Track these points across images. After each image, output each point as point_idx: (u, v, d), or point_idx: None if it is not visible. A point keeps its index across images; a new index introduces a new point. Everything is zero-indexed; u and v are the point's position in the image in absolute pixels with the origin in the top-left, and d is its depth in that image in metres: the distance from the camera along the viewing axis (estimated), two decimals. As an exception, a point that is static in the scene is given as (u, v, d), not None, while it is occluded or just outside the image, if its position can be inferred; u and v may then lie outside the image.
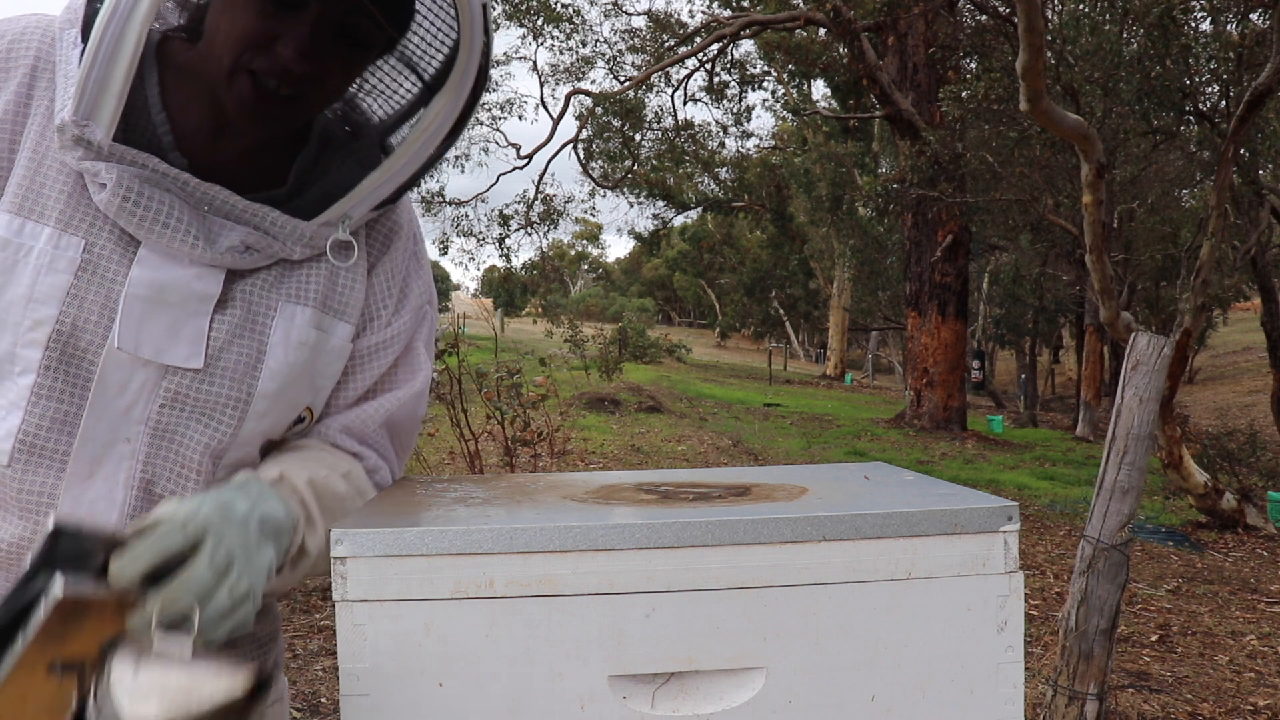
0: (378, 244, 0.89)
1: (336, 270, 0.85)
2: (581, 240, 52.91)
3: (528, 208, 20.51)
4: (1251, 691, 3.21)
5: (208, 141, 0.79)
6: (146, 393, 0.77)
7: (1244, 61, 6.31)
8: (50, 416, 0.75)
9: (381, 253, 0.89)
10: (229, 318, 0.79)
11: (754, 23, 13.58)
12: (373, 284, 0.88)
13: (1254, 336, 18.17)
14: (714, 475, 0.94)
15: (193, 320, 0.77)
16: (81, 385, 0.75)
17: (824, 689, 0.68)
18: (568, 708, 0.66)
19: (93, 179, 0.74)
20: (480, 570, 0.66)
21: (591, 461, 7.61)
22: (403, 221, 0.91)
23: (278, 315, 0.81)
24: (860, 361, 31.30)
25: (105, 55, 0.71)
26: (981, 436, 11.66)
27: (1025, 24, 4.57)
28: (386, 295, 0.89)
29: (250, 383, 0.80)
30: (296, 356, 0.81)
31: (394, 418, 0.91)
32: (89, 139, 0.73)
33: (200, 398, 0.78)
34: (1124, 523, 2.16)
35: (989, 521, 0.70)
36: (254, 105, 0.75)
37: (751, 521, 0.67)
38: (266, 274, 0.81)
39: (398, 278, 0.90)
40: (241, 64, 0.74)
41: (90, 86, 0.72)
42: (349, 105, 0.88)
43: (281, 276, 0.82)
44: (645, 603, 0.66)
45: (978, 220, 11.16)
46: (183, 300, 0.77)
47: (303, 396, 0.84)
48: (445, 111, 0.82)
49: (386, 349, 0.89)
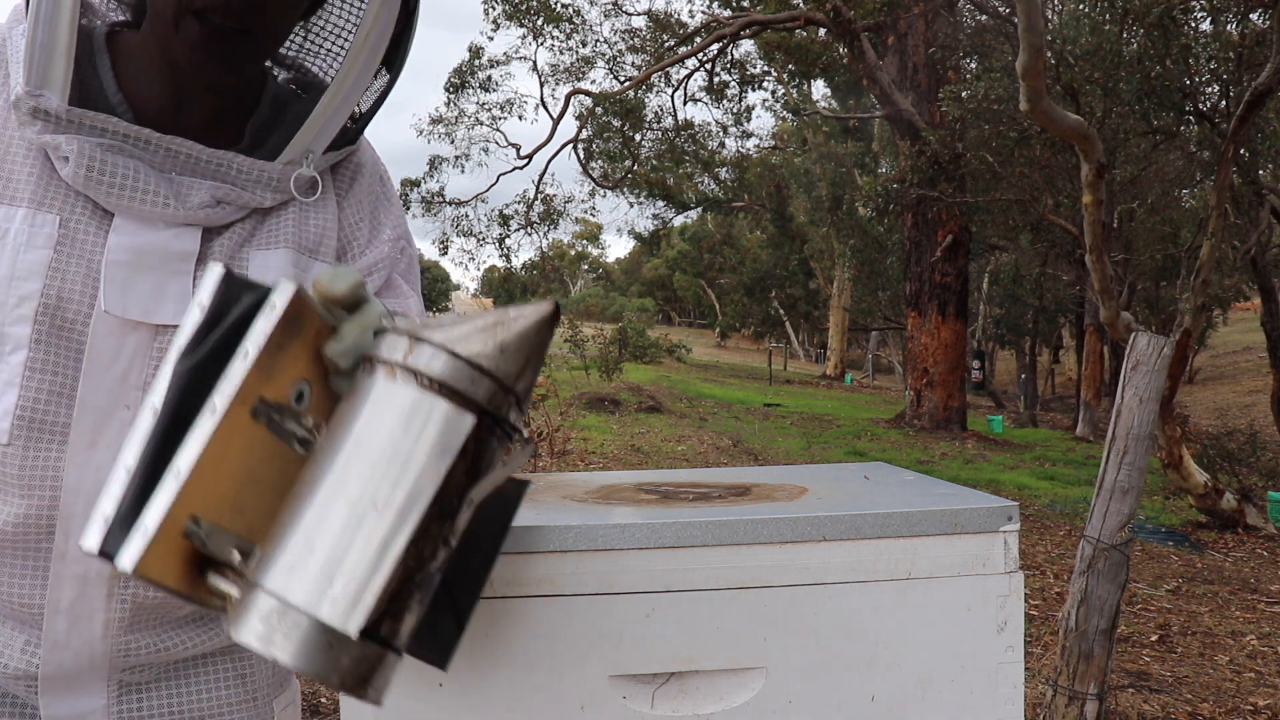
0: (344, 183, 0.90)
1: (306, 211, 0.85)
2: (581, 240, 52.91)
3: (528, 208, 20.51)
4: (1251, 691, 3.21)
5: (166, 113, 0.80)
6: (141, 356, 0.77)
7: (1244, 61, 6.31)
8: (47, 390, 0.75)
9: (347, 190, 0.90)
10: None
11: (754, 23, 13.58)
12: (342, 220, 0.89)
13: (1254, 336, 18.17)
14: (714, 475, 0.94)
15: (176, 279, 0.78)
16: (75, 355, 0.76)
17: (824, 689, 0.68)
18: (568, 708, 0.66)
19: (55, 153, 0.75)
20: (480, 570, 0.65)
21: (591, 461, 7.61)
22: (365, 161, 0.92)
23: (250, 263, 0.82)
24: (860, 361, 31.31)
25: (46, 17, 0.72)
26: (981, 436, 11.66)
27: (1025, 24, 4.57)
28: (356, 228, 0.90)
29: None
30: None
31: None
32: (45, 108, 0.73)
33: None
34: (1124, 523, 2.16)
35: (989, 521, 0.70)
36: (204, 44, 0.75)
37: (751, 521, 0.67)
38: (240, 228, 0.82)
39: (365, 209, 0.91)
40: (184, 6, 0.74)
41: (38, 53, 0.73)
42: (297, 68, 0.90)
43: (254, 229, 0.83)
44: (645, 603, 0.66)
45: (978, 220, 11.16)
46: (164, 260, 0.78)
47: None
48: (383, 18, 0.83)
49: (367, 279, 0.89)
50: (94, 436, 0.76)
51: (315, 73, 0.90)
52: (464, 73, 18.44)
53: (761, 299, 30.21)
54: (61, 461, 0.75)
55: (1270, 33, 5.60)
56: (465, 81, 18.54)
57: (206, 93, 0.81)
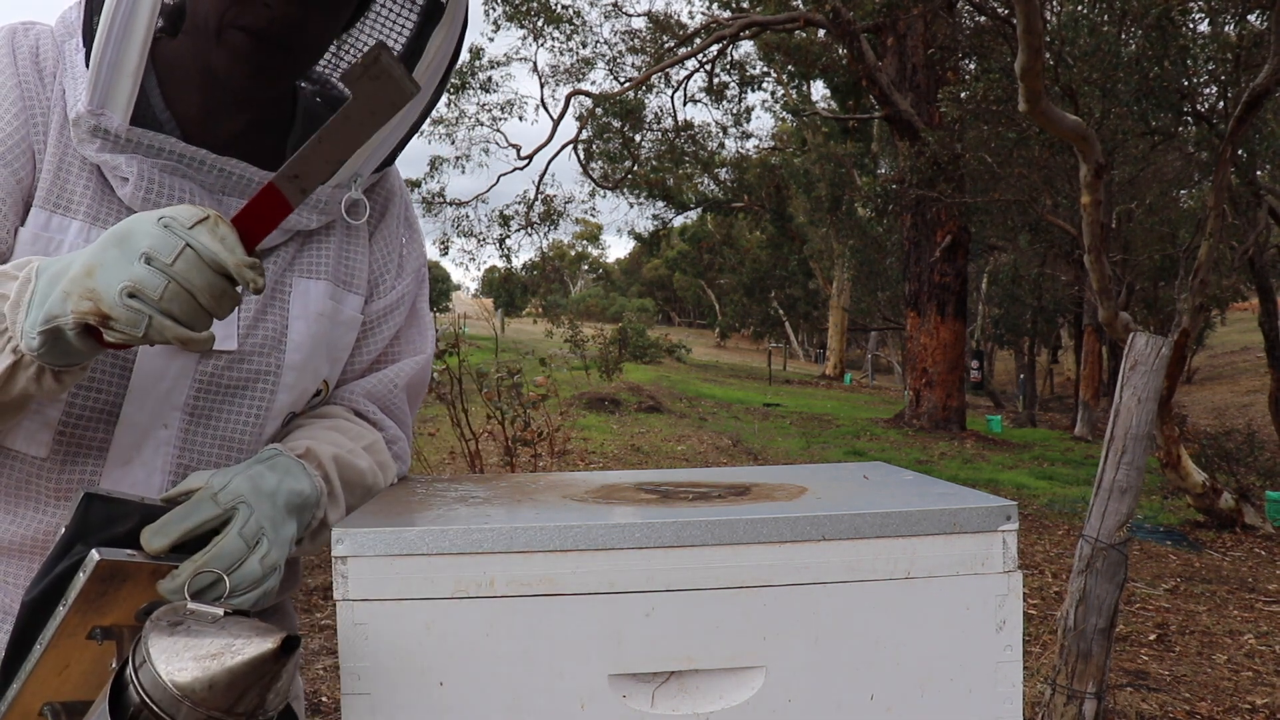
0: (375, 212, 0.91)
1: (346, 242, 0.87)
2: (581, 240, 52.89)
3: (528, 208, 20.51)
4: (1249, 690, 3.22)
5: (208, 126, 0.80)
6: (185, 377, 0.78)
7: (1242, 62, 6.32)
8: (90, 408, 0.76)
9: (379, 220, 0.92)
10: (254, 297, 0.81)
11: (753, 24, 13.59)
12: (374, 251, 0.91)
13: (1252, 337, 18.18)
14: (714, 475, 0.94)
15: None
16: (120, 375, 0.76)
17: (823, 688, 0.68)
18: (568, 707, 0.66)
19: (113, 173, 0.75)
20: (480, 570, 0.66)
21: (591, 461, 7.61)
22: (395, 188, 0.93)
23: (293, 290, 0.83)
24: (860, 361, 31.30)
25: (118, 37, 0.72)
26: (980, 436, 11.66)
27: (1024, 25, 4.57)
28: (386, 264, 0.91)
29: (278, 356, 0.82)
30: (317, 327, 0.84)
31: (414, 381, 0.94)
32: (105, 127, 0.73)
33: (234, 377, 0.80)
34: (1122, 522, 2.16)
35: (988, 521, 0.70)
36: (247, 56, 0.75)
37: (751, 521, 0.68)
38: (284, 251, 0.83)
39: (395, 243, 0.92)
40: (226, 21, 0.74)
41: (104, 71, 0.72)
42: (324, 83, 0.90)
43: (296, 253, 0.84)
44: (645, 602, 0.67)
45: (976, 221, 11.17)
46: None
47: (321, 368, 0.86)
48: (445, 48, 0.84)
49: (394, 312, 0.92)
50: (130, 454, 0.77)
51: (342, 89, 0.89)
52: (464, 74, 18.44)
53: (761, 299, 30.21)
54: (97, 476, 0.76)
55: (1268, 34, 5.61)
56: (466, 82, 18.54)
57: (240, 105, 0.81)
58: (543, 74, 18.67)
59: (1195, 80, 6.75)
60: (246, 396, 0.81)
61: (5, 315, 0.64)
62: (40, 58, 0.77)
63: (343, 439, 0.84)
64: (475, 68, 18.44)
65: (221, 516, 0.67)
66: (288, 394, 0.83)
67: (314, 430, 0.84)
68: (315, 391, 0.87)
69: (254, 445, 0.82)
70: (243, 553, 0.66)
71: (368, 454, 0.85)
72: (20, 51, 0.77)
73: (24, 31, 0.78)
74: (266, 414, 0.82)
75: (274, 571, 0.68)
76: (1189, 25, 6.69)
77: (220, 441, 0.80)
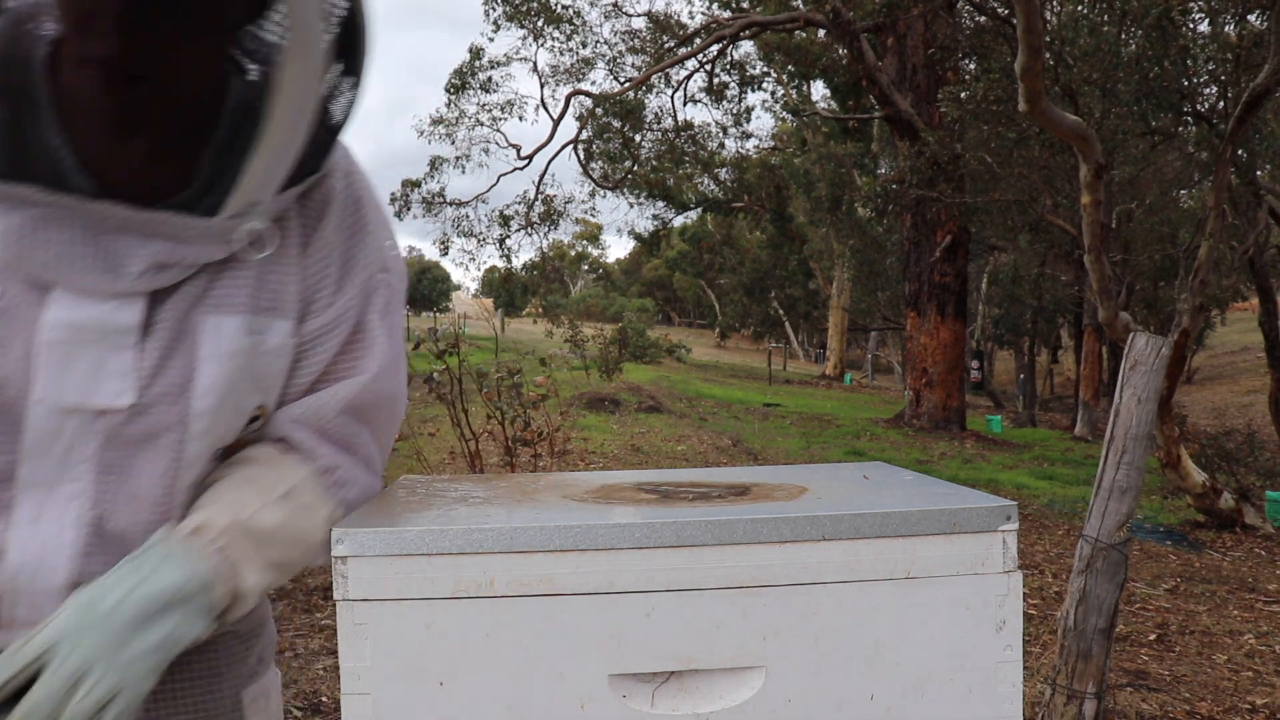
0: (310, 219, 0.81)
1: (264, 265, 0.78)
2: (581, 241, 52.88)
3: (528, 208, 20.51)
4: (1249, 690, 3.22)
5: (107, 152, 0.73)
6: (82, 435, 0.74)
7: (1242, 62, 6.32)
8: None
9: (313, 228, 0.81)
10: (156, 342, 0.75)
11: (753, 24, 13.59)
12: (307, 264, 0.81)
13: (1252, 337, 18.18)
14: (714, 475, 0.94)
15: (116, 355, 0.73)
16: (14, 436, 0.72)
17: (823, 688, 0.68)
18: (568, 707, 0.66)
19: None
20: (480, 570, 0.66)
21: (591, 461, 7.61)
22: (336, 189, 0.82)
23: (201, 329, 0.76)
24: (860, 361, 31.31)
25: None
26: (980, 436, 11.66)
27: (1024, 25, 4.57)
28: (324, 274, 0.81)
29: (184, 404, 0.76)
30: (229, 367, 0.77)
31: (357, 402, 0.84)
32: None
33: (138, 429, 0.75)
34: (1122, 522, 2.16)
35: (988, 521, 0.70)
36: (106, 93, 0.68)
37: (751, 521, 0.68)
38: (191, 286, 0.75)
39: (335, 252, 0.82)
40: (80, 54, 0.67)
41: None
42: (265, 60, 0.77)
43: (207, 286, 0.76)
44: (645, 602, 0.67)
45: (977, 221, 11.16)
46: (102, 336, 0.73)
47: (247, 399, 0.80)
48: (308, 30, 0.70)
49: (332, 331, 0.82)
50: (38, 511, 0.73)
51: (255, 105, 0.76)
52: (464, 74, 18.45)
53: (761, 299, 30.21)
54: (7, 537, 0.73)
55: (1268, 34, 5.61)
56: (466, 82, 18.55)
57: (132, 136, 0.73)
58: (543, 74, 18.69)
59: (1195, 80, 6.75)
60: (155, 449, 0.76)
61: None
62: None
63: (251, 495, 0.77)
64: (475, 68, 18.45)
65: (35, 665, 0.64)
66: (201, 441, 0.77)
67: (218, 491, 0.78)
68: (251, 418, 0.81)
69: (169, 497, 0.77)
70: (60, 696, 0.63)
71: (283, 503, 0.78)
72: None
73: None
74: (179, 464, 0.77)
75: (114, 698, 0.65)
76: (1189, 25, 6.69)
77: (132, 495, 0.76)
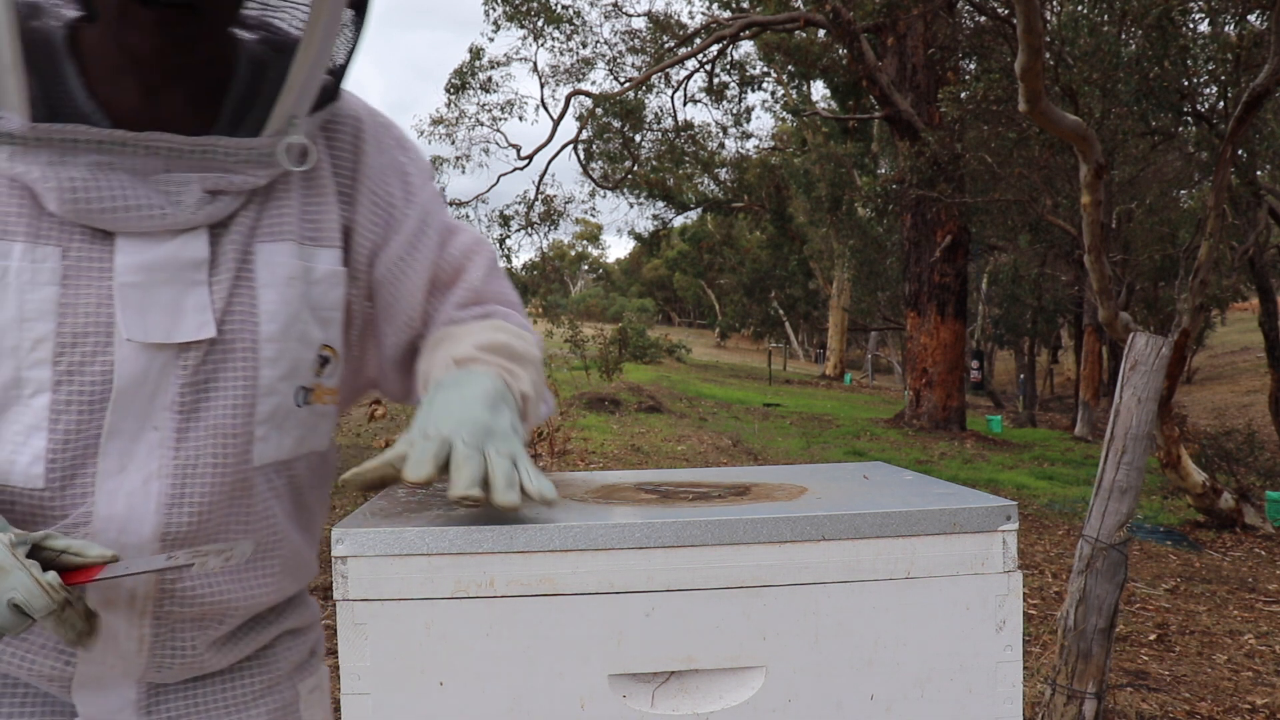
0: (343, 151, 0.85)
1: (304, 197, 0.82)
2: (581, 241, 52.89)
3: (528, 208, 20.51)
4: (1249, 690, 3.22)
5: (140, 108, 0.75)
6: (167, 375, 0.75)
7: (1242, 62, 6.32)
8: (75, 428, 0.73)
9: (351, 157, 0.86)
10: (223, 275, 0.77)
11: (753, 24, 13.59)
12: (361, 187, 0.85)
13: (1252, 337, 18.18)
14: (714, 475, 0.94)
15: (192, 291, 0.75)
16: (100, 387, 0.74)
17: (823, 688, 0.68)
18: (568, 707, 0.66)
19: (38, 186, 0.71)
20: (480, 570, 0.66)
21: (591, 461, 7.61)
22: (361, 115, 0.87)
23: (258, 257, 0.79)
24: (860, 361, 31.31)
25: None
26: (980, 436, 11.66)
27: (1024, 25, 4.58)
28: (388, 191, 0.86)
29: (253, 330, 0.78)
30: (288, 292, 0.80)
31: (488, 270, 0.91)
32: (7, 130, 0.69)
33: (215, 361, 0.77)
34: (1122, 522, 2.16)
35: (988, 521, 0.70)
36: (155, 29, 0.71)
37: (751, 521, 0.68)
38: (244, 217, 0.78)
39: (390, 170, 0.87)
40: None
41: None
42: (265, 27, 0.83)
43: (257, 218, 0.80)
44: (645, 602, 0.67)
45: (977, 221, 11.17)
46: (177, 273, 0.75)
47: (312, 332, 0.82)
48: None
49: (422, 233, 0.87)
50: (123, 461, 0.75)
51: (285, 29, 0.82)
52: (464, 74, 18.45)
53: (761, 299, 30.20)
54: (91, 491, 0.74)
55: (1268, 34, 5.61)
56: (466, 83, 18.55)
57: (173, 79, 0.76)
58: (543, 74, 18.68)
59: (1195, 80, 6.75)
60: (231, 381, 0.77)
61: None
62: None
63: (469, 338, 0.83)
64: (475, 68, 18.45)
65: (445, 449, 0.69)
66: (272, 368, 0.79)
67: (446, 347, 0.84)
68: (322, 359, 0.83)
69: (246, 428, 0.78)
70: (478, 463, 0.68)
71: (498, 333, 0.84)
72: None
73: None
74: (254, 393, 0.78)
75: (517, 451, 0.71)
76: (1189, 25, 6.69)
77: (212, 431, 0.77)
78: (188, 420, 0.76)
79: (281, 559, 0.84)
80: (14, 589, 0.64)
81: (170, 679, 0.82)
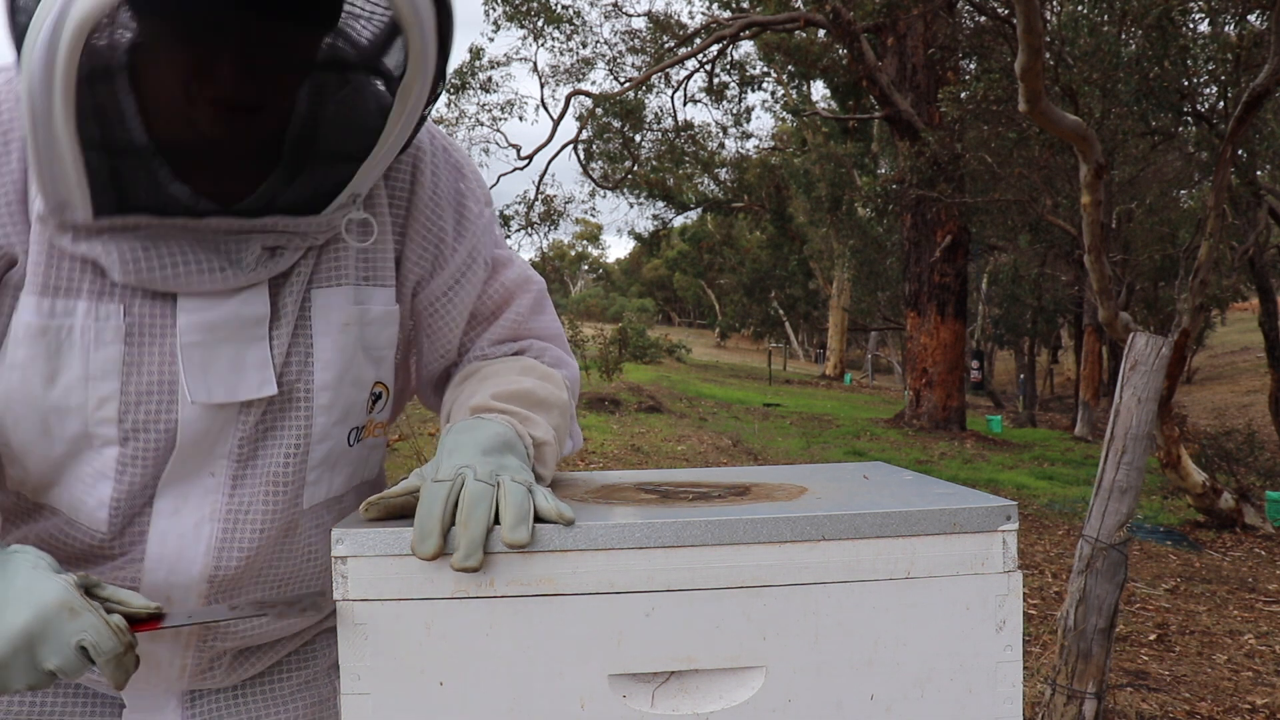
0: (403, 180, 0.84)
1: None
2: (581, 241, 52.89)
3: (528, 208, 20.51)
4: (1249, 690, 3.22)
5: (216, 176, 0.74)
6: (227, 428, 0.77)
7: (1242, 62, 6.32)
8: (140, 478, 0.76)
9: (412, 185, 0.84)
10: (283, 328, 0.78)
11: (753, 24, 13.59)
12: (413, 222, 0.85)
13: (1252, 337, 18.17)
14: (714, 475, 0.94)
15: (254, 347, 0.76)
16: (165, 445, 0.76)
17: (823, 688, 0.68)
18: (568, 707, 0.66)
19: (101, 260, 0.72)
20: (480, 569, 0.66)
21: (591, 461, 7.61)
22: (422, 143, 0.85)
23: (314, 305, 0.79)
24: (860, 361, 31.31)
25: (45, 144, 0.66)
26: (980, 436, 11.66)
27: (1024, 25, 4.57)
28: (439, 225, 0.86)
29: (308, 379, 0.79)
30: (343, 339, 0.80)
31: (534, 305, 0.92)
32: (72, 222, 0.70)
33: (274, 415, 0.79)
34: (1122, 522, 2.16)
35: (988, 521, 0.70)
36: (223, 128, 0.71)
37: (751, 521, 0.68)
38: (303, 267, 0.79)
39: (445, 202, 0.86)
40: (192, 96, 0.70)
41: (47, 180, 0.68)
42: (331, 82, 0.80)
43: (315, 265, 0.80)
44: (645, 602, 0.67)
45: (977, 221, 11.16)
46: (238, 330, 0.76)
47: (366, 373, 0.83)
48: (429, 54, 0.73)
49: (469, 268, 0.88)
50: (177, 505, 0.77)
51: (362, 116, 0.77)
52: (464, 74, 18.44)
53: (761, 299, 30.18)
54: (146, 533, 0.77)
55: (1268, 34, 5.61)
56: (466, 82, 18.54)
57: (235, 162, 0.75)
58: (543, 74, 18.68)
59: (1195, 80, 6.75)
60: (287, 429, 0.79)
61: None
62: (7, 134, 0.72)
63: (496, 382, 0.83)
64: (475, 68, 18.45)
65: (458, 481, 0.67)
66: (327, 415, 0.81)
67: (469, 388, 0.84)
68: (374, 396, 0.85)
69: (299, 475, 0.80)
70: (490, 490, 0.66)
71: (525, 377, 0.84)
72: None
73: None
74: (308, 441, 0.80)
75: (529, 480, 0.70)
76: (1189, 25, 6.69)
77: (266, 478, 0.79)
78: (244, 468, 0.78)
79: (324, 587, 0.87)
80: (84, 630, 0.63)
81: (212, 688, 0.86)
